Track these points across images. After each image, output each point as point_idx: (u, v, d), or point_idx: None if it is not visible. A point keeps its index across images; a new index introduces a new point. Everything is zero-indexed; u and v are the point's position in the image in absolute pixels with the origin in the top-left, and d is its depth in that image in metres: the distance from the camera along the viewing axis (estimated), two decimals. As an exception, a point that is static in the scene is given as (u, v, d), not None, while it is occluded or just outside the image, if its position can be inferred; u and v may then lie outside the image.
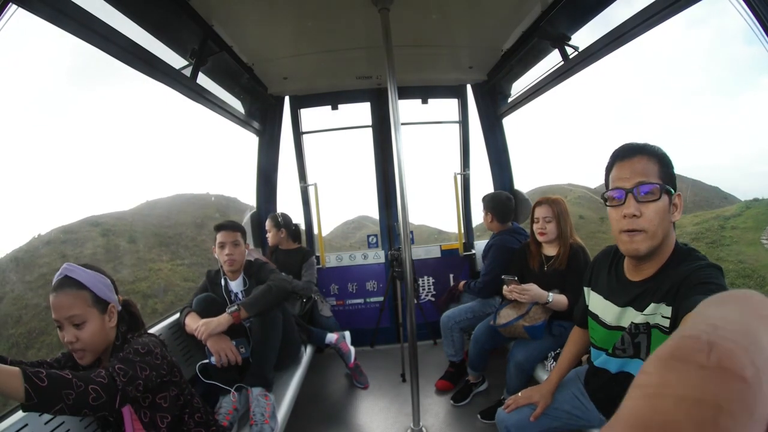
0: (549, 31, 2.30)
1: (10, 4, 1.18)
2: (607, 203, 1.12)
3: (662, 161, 1.07)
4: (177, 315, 2.20)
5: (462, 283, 2.95)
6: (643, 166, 1.06)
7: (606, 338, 1.30)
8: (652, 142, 1.11)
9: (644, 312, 1.13)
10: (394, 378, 2.91)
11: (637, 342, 1.17)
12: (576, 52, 2.24)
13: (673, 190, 1.06)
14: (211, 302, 2.11)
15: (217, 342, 1.90)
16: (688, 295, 0.96)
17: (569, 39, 2.28)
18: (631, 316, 1.17)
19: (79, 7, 1.42)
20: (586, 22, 2.17)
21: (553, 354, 2.05)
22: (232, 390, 1.89)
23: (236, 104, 3.00)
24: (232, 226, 2.21)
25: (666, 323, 1.06)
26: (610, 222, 1.16)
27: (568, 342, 1.63)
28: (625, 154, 1.11)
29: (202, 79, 2.33)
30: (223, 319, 1.90)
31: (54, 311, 1.19)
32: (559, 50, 2.34)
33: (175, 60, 2.14)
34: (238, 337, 2.01)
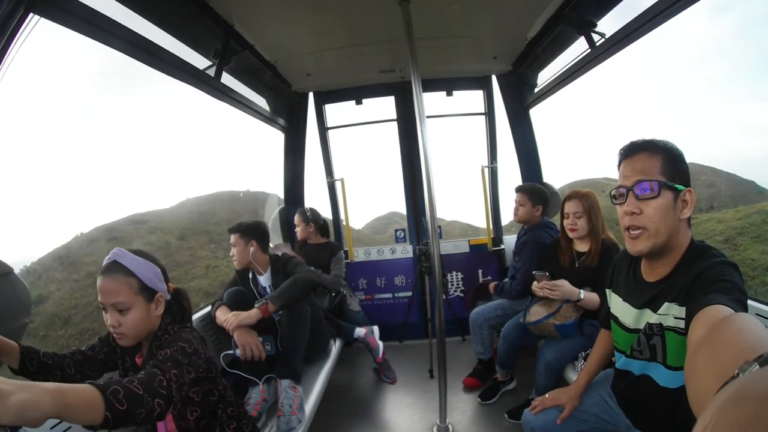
0: (574, 17, 2.21)
1: (31, 14, 1.22)
2: (614, 201, 1.13)
3: (667, 157, 1.05)
4: (209, 308, 2.28)
5: (492, 284, 2.86)
6: (643, 164, 1.06)
7: (625, 340, 1.26)
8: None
9: (658, 312, 1.09)
10: (421, 374, 2.91)
11: (653, 344, 1.14)
12: (603, 39, 2.14)
13: (681, 186, 1.03)
14: (241, 296, 2.18)
15: (245, 335, 1.95)
16: (700, 294, 0.93)
17: (595, 26, 2.19)
18: (647, 318, 1.15)
19: (103, 15, 1.48)
20: (612, 8, 2.08)
21: (583, 354, 1.98)
22: (261, 381, 1.94)
23: (261, 102, 3.05)
24: (230, 230, 2.27)
25: (681, 324, 1.03)
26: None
27: (596, 344, 1.58)
28: (628, 152, 1.11)
29: (227, 79, 2.39)
30: (252, 313, 1.95)
31: (100, 294, 1.19)
32: (585, 37, 2.24)
33: (199, 61, 2.20)
34: (266, 334, 2.06)
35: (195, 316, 2.24)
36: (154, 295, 1.28)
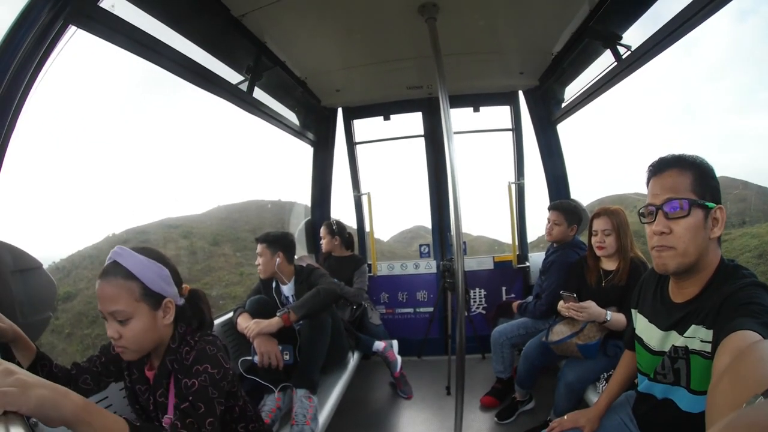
0: (599, 31, 2.20)
1: (71, 26, 1.30)
2: (643, 220, 1.09)
3: (698, 173, 1.02)
4: (231, 314, 2.34)
5: (516, 303, 2.80)
6: (673, 181, 1.02)
7: (650, 363, 1.21)
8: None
9: (684, 335, 1.05)
10: (438, 390, 2.86)
11: (677, 368, 1.08)
12: (629, 52, 2.11)
13: (711, 204, 1.00)
14: (264, 304, 2.22)
15: (265, 343, 1.98)
16: (728, 317, 0.89)
17: (620, 38, 2.16)
18: (673, 340, 1.10)
19: (140, 29, 1.58)
20: (636, 20, 2.05)
21: (605, 375, 1.90)
22: (277, 389, 1.97)
23: (291, 116, 3.16)
24: (257, 239, 2.32)
25: (707, 348, 0.98)
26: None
27: (619, 365, 1.52)
28: (657, 169, 1.07)
29: (258, 93, 2.50)
30: (273, 321, 1.98)
31: (99, 301, 1.05)
32: (611, 51, 2.21)
33: (233, 76, 2.31)
34: (287, 343, 2.08)
35: (216, 322, 2.29)
36: (162, 301, 1.11)
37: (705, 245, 1.01)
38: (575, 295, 1.98)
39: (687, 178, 1.01)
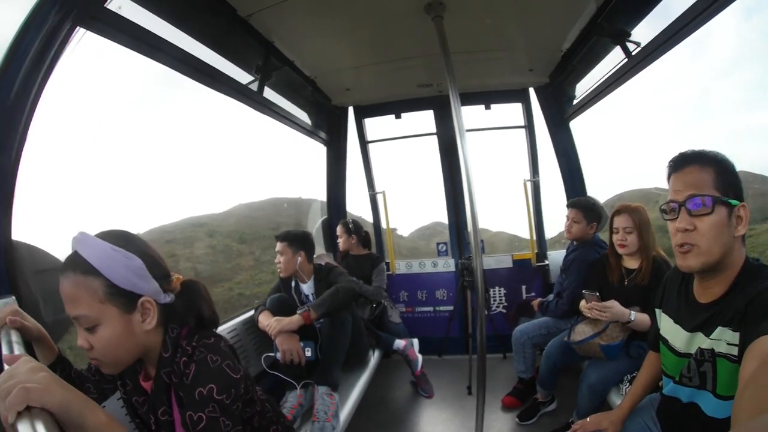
0: (608, 28, 2.17)
1: (78, 28, 1.31)
2: (665, 217, 1.07)
3: (719, 169, 1.00)
4: (252, 312, 2.39)
5: (537, 301, 2.77)
6: (695, 177, 1.01)
7: (675, 365, 1.18)
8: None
9: (711, 337, 1.03)
10: (459, 390, 2.86)
11: (703, 371, 1.06)
12: (638, 48, 2.08)
13: (735, 201, 0.98)
14: (284, 302, 2.26)
15: (286, 340, 2.02)
16: (755, 321, 0.88)
17: (629, 35, 2.13)
18: (699, 342, 1.07)
19: (150, 31, 1.61)
20: (645, 16, 2.02)
21: (629, 377, 1.87)
22: (299, 386, 2.00)
23: (302, 116, 3.19)
24: (277, 237, 2.34)
25: (734, 351, 0.96)
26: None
27: (643, 366, 1.49)
28: (678, 164, 1.05)
29: (269, 93, 2.53)
30: (294, 319, 2.02)
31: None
32: (620, 47, 2.18)
33: (242, 76, 2.34)
34: (307, 340, 2.13)
35: (238, 320, 2.34)
36: (136, 301, 0.89)
37: (729, 243, 0.99)
38: (598, 294, 1.95)
39: (709, 175, 0.99)
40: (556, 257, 3.24)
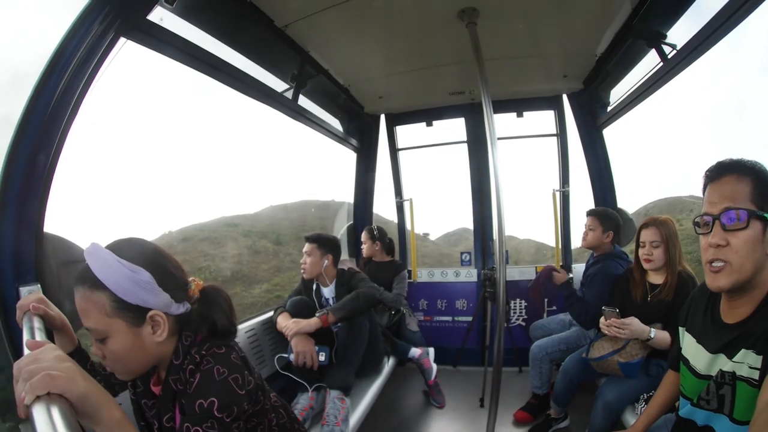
0: (643, 29, 2.09)
1: (122, 38, 1.39)
2: (698, 231, 1.02)
3: (757, 180, 0.95)
4: (271, 313, 2.42)
5: (563, 276, 2.66)
6: (731, 189, 0.96)
7: (694, 387, 1.12)
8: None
9: (733, 359, 0.98)
10: (472, 401, 2.80)
11: (722, 394, 1.00)
12: (674, 51, 1.99)
13: None
14: (304, 305, 2.28)
15: (302, 342, 2.03)
16: None
17: (665, 37, 2.05)
18: (721, 364, 1.03)
19: (190, 42, 1.69)
20: (680, 16, 1.94)
21: (645, 396, 1.78)
22: (311, 389, 2.02)
23: (335, 123, 3.26)
24: (307, 238, 2.36)
25: (755, 375, 0.92)
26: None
27: (660, 386, 1.43)
28: (714, 174, 1.00)
29: (303, 101, 2.60)
30: (312, 321, 2.04)
31: None
32: (656, 50, 2.10)
33: (278, 84, 2.42)
34: (324, 344, 2.12)
35: (257, 320, 2.38)
36: (145, 315, 0.89)
37: (762, 261, 0.94)
38: (617, 311, 1.87)
39: (746, 186, 0.94)
40: (581, 270, 3.15)
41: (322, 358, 2.09)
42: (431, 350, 2.88)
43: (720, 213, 0.95)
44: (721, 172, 0.99)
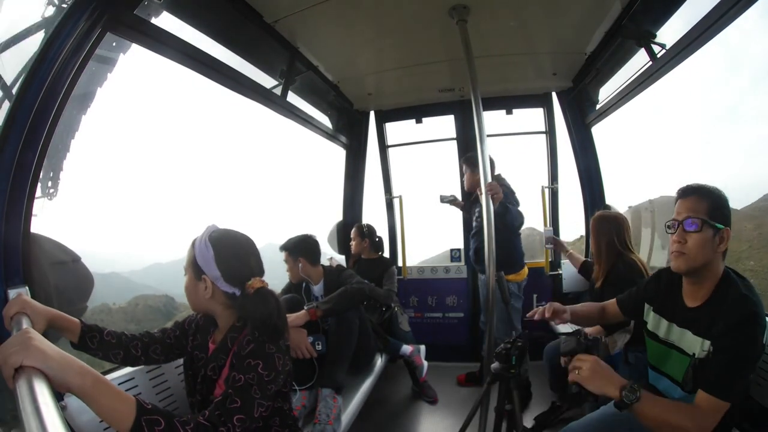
0: (633, 29, 2.13)
1: (109, 33, 1.37)
2: (668, 231, 1.35)
3: (713, 201, 1.27)
4: None
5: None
6: (693, 205, 1.28)
7: (655, 351, 1.45)
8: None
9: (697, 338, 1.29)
10: (464, 397, 2.83)
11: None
12: (663, 51, 2.03)
13: (720, 225, 1.25)
14: (296, 303, 2.27)
15: (295, 335, 2.02)
16: (711, 364, 1.19)
17: (655, 36, 2.09)
18: (688, 343, 1.31)
19: (178, 37, 1.65)
20: (670, 17, 1.98)
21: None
22: (302, 388, 2.01)
23: (324, 120, 3.24)
24: (281, 247, 2.43)
25: (702, 356, 1.23)
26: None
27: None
28: (683, 194, 1.33)
29: (292, 97, 2.57)
30: (301, 314, 2.04)
31: None
32: (645, 49, 2.14)
33: (267, 80, 2.39)
34: (316, 333, 2.13)
35: None
36: (201, 275, 1.20)
37: (710, 257, 1.27)
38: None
39: (704, 204, 1.27)
40: (569, 266, 3.19)
41: (318, 347, 2.10)
42: (422, 347, 2.90)
43: (683, 220, 1.28)
44: (688, 193, 1.31)
